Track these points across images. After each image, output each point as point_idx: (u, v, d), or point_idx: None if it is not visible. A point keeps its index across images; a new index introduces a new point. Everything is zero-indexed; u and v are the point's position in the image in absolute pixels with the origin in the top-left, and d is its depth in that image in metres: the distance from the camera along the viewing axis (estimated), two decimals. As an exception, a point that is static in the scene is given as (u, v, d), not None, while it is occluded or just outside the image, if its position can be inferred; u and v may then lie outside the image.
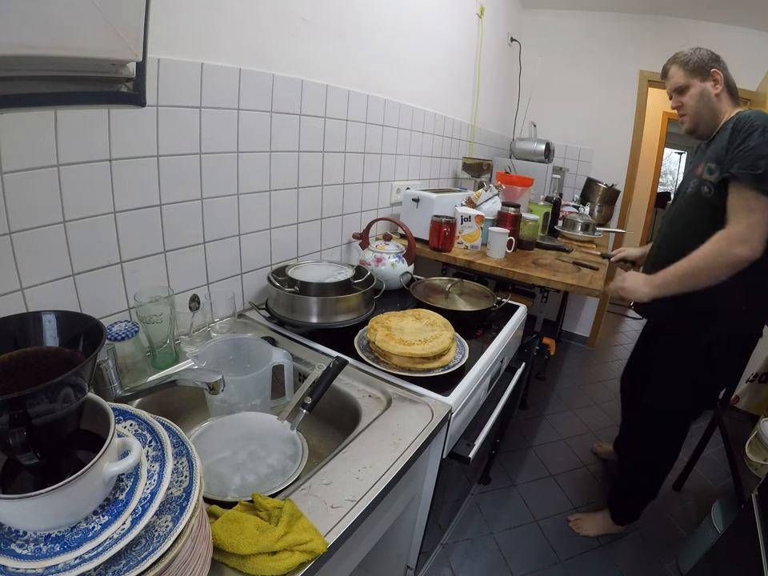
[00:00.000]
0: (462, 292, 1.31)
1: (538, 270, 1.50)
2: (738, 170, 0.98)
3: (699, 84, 1.14)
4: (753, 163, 0.96)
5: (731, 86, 1.14)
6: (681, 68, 1.17)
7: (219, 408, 0.78)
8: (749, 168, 0.96)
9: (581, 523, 1.55)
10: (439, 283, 1.36)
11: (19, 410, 0.34)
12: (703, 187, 1.12)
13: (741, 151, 0.98)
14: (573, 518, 1.57)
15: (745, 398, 1.83)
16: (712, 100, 1.13)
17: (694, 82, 1.14)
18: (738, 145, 0.99)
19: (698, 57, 1.14)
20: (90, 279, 0.79)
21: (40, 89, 0.48)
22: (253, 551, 0.47)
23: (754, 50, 2.35)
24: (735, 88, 1.15)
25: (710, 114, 1.15)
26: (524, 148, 2.52)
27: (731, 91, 1.14)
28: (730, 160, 1.01)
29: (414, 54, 1.64)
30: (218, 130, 0.94)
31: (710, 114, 1.15)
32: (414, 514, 0.96)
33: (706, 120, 1.16)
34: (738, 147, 0.99)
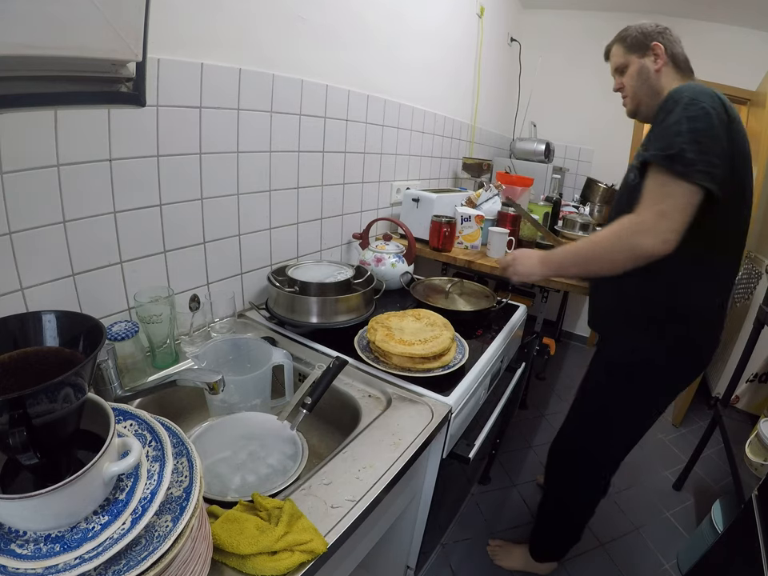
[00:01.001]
0: (462, 292, 1.31)
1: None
2: (654, 151, 0.84)
3: (638, 61, 1.01)
4: (669, 143, 0.81)
5: (678, 59, 0.99)
6: (620, 45, 1.05)
7: (219, 408, 0.78)
8: (664, 148, 0.81)
9: (499, 551, 1.41)
10: (439, 283, 1.36)
11: (19, 410, 0.34)
12: (630, 174, 0.98)
13: (660, 130, 0.85)
14: (493, 544, 1.43)
15: (745, 398, 1.83)
16: (651, 77, 0.99)
17: (632, 59, 1.02)
18: (659, 123, 0.86)
19: (637, 31, 1.01)
20: (89, 279, 0.79)
21: (40, 89, 0.48)
22: (253, 551, 0.47)
23: (754, 50, 2.35)
24: (685, 62, 1.00)
25: (650, 92, 1.00)
26: (524, 148, 2.52)
27: (678, 65, 0.99)
28: (648, 141, 0.87)
29: (413, 54, 1.64)
30: (218, 130, 0.94)
31: (649, 93, 1.00)
32: (414, 513, 0.96)
33: (645, 100, 1.02)
34: (658, 126, 0.85)
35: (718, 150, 0.79)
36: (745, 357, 1.60)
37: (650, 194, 0.83)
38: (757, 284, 1.96)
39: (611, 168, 2.79)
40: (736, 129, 0.83)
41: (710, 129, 0.79)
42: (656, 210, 0.81)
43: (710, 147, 0.79)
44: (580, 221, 1.89)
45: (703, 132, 0.79)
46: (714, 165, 0.79)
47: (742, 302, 2.02)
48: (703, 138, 0.79)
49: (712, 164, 0.79)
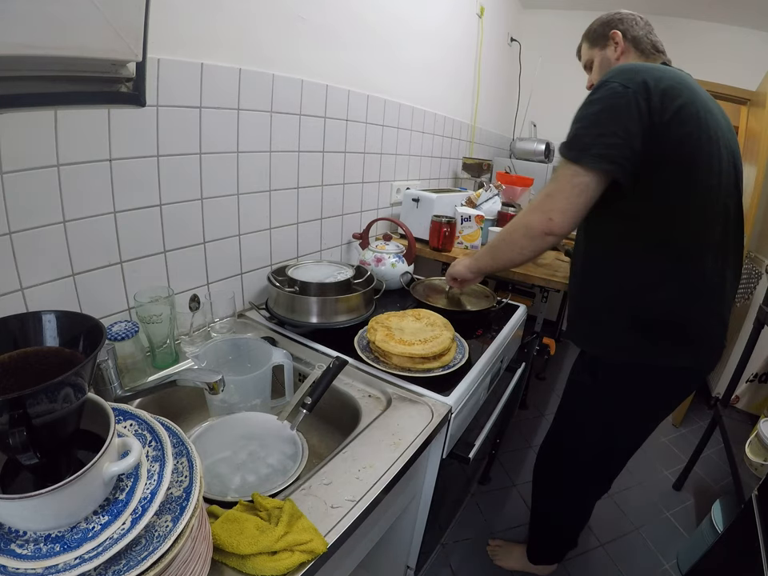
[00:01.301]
0: (462, 292, 1.31)
1: (538, 270, 1.50)
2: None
3: (599, 53, 0.98)
4: (570, 130, 0.80)
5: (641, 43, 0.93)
6: (586, 42, 1.02)
7: (219, 408, 0.78)
8: (566, 138, 0.81)
9: (498, 551, 1.41)
10: (439, 283, 1.36)
11: (19, 410, 0.34)
12: None
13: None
14: (493, 544, 1.43)
15: (745, 398, 1.83)
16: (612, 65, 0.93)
17: (595, 54, 0.99)
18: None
19: (598, 23, 0.97)
20: (89, 279, 0.79)
21: (40, 89, 0.48)
22: (253, 551, 0.47)
23: (754, 50, 2.35)
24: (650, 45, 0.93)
25: None
26: (524, 148, 2.52)
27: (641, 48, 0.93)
28: None
29: (414, 54, 1.64)
30: (218, 130, 0.94)
31: None
32: (414, 513, 0.96)
33: None
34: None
35: (620, 132, 0.74)
36: (745, 357, 1.60)
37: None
38: (757, 284, 1.96)
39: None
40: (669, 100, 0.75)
41: (612, 109, 0.75)
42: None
43: (609, 129, 0.75)
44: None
45: (603, 114, 0.76)
46: (613, 146, 0.74)
47: (741, 302, 2.02)
48: (603, 120, 0.76)
49: (612, 145, 0.74)
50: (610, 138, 0.75)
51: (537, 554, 1.33)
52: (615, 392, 0.96)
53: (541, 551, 1.33)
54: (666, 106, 0.75)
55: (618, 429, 1.02)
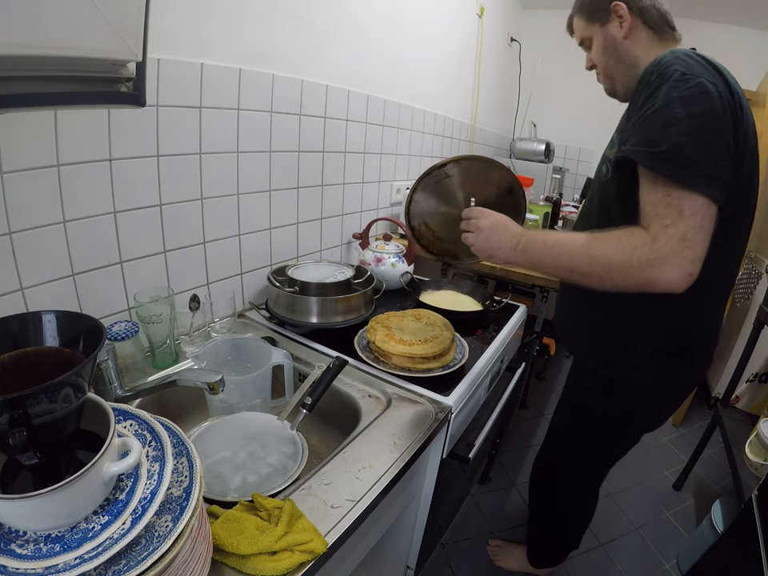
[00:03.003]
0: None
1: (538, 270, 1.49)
2: (635, 146, 0.64)
3: (601, 30, 0.83)
4: (655, 135, 0.62)
5: (650, 16, 0.78)
6: (580, 16, 0.87)
7: (219, 408, 0.78)
8: (648, 143, 0.62)
9: (499, 551, 1.40)
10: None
11: (19, 410, 0.34)
12: (602, 167, 0.81)
13: (642, 115, 0.64)
14: (493, 544, 1.42)
15: (745, 398, 1.83)
16: (619, 47, 0.81)
17: (595, 30, 0.84)
18: (641, 104, 0.66)
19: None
20: (89, 279, 0.79)
21: (40, 89, 0.48)
22: (253, 551, 0.47)
23: (754, 50, 2.35)
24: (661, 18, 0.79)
25: (622, 66, 0.82)
26: (524, 148, 2.52)
27: (651, 24, 0.79)
28: (630, 128, 0.67)
29: (413, 54, 1.64)
30: (218, 130, 0.94)
31: (622, 67, 0.82)
32: (414, 513, 0.96)
33: (620, 77, 0.84)
34: (641, 108, 0.66)
35: (722, 145, 0.61)
36: (745, 357, 1.60)
37: (654, 207, 0.63)
38: (757, 284, 1.96)
39: (611, 168, 2.79)
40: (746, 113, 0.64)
41: (712, 114, 0.60)
42: (675, 234, 0.60)
43: (712, 140, 0.60)
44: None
45: (704, 118, 0.60)
46: (718, 165, 0.60)
47: (742, 302, 2.02)
48: (704, 127, 0.60)
49: (716, 164, 0.60)
50: (714, 154, 0.61)
51: (537, 557, 1.33)
52: (633, 411, 0.93)
53: (541, 555, 1.33)
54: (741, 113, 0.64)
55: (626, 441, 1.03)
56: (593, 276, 0.68)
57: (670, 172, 0.60)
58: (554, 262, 0.72)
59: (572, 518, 1.22)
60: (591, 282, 0.69)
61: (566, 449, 1.11)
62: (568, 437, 1.09)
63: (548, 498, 1.23)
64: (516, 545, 1.41)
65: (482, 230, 0.75)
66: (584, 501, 1.19)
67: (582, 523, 1.25)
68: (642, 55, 0.80)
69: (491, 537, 1.47)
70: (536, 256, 0.74)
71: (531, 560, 1.33)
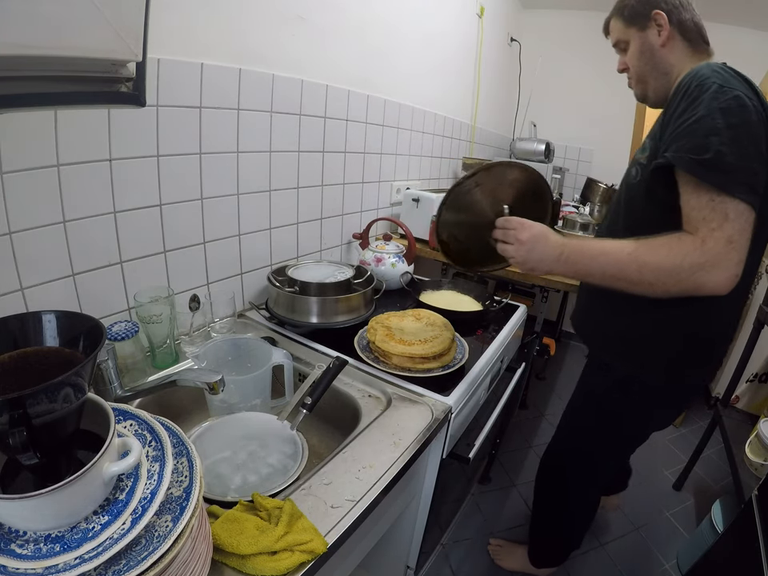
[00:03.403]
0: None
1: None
2: (677, 152, 0.66)
3: (638, 35, 0.85)
4: (699, 143, 0.64)
5: (687, 28, 0.82)
6: (619, 18, 0.89)
7: (219, 408, 0.78)
8: (692, 150, 0.65)
9: (500, 551, 1.39)
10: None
11: (19, 410, 0.34)
12: (632, 170, 0.83)
13: (683, 123, 0.67)
14: (494, 543, 1.42)
15: (745, 398, 1.83)
16: (656, 54, 0.83)
17: (632, 34, 0.86)
18: (680, 114, 0.69)
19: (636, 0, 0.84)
20: (90, 279, 0.79)
21: (40, 89, 0.48)
22: (253, 551, 0.47)
23: (754, 50, 2.35)
24: (696, 31, 0.83)
25: (656, 72, 0.85)
26: (524, 148, 2.52)
27: (687, 36, 0.83)
28: (669, 136, 0.70)
29: (413, 54, 1.64)
30: (218, 130, 0.94)
31: (655, 74, 0.85)
32: (414, 513, 0.96)
33: (653, 82, 0.87)
34: (679, 118, 0.69)
35: (758, 154, 0.64)
36: (745, 357, 1.60)
37: (699, 211, 0.65)
38: (757, 284, 1.96)
39: (611, 168, 2.79)
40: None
41: (749, 125, 0.64)
42: (722, 237, 0.63)
43: (750, 150, 0.64)
44: (580, 221, 1.89)
45: (741, 129, 0.63)
46: (756, 174, 0.64)
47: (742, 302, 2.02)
48: (743, 137, 0.63)
49: (754, 172, 0.64)
50: (752, 162, 0.64)
51: (539, 557, 1.33)
52: (646, 409, 0.95)
53: (543, 554, 1.33)
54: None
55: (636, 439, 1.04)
56: (643, 283, 0.69)
57: (714, 178, 0.63)
58: (602, 272, 0.73)
59: (576, 517, 1.23)
60: (640, 289, 0.70)
61: (576, 447, 1.11)
62: (579, 435, 1.09)
63: (554, 496, 1.23)
64: (517, 545, 1.41)
65: (524, 243, 0.74)
66: (589, 499, 1.19)
67: (585, 522, 1.25)
68: (676, 64, 0.83)
69: (491, 536, 1.47)
70: (581, 266, 0.74)
71: (533, 560, 1.33)
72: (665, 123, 0.72)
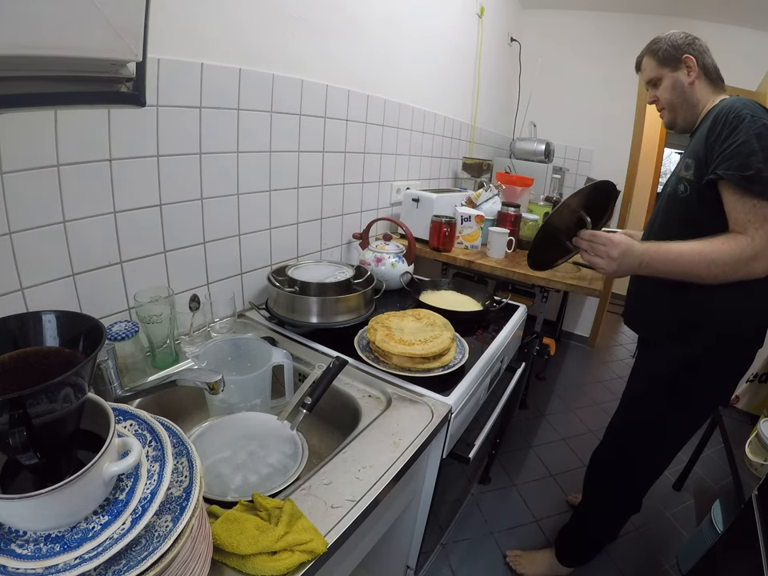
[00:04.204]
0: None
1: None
2: (727, 170, 0.85)
3: (671, 74, 1.03)
4: (743, 163, 0.83)
5: (709, 70, 1.02)
6: (652, 59, 1.06)
7: (219, 408, 0.78)
8: (739, 169, 0.84)
9: (520, 560, 1.40)
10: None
11: (19, 410, 0.34)
12: (680, 186, 0.98)
13: (728, 148, 0.86)
14: (512, 554, 1.42)
15: (745, 398, 1.83)
16: (686, 90, 1.02)
17: (665, 73, 1.04)
18: (723, 139, 0.87)
19: (668, 44, 1.02)
20: (90, 279, 0.79)
21: (40, 89, 0.48)
22: (253, 551, 0.47)
23: (754, 50, 2.35)
24: (715, 72, 1.03)
25: (686, 105, 1.04)
26: (524, 148, 2.52)
27: (710, 77, 1.02)
28: (717, 158, 0.88)
29: (413, 54, 1.64)
30: (218, 130, 0.94)
31: (685, 106, 1.04)
32: (414, 513, 0.96)
33: (682, 113, 1.05)
34: (724, 143, 0.87)
35: None
36: (745, 357, 1.60)
37: (746, 215, 0.85)
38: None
39: (611, 168, 2.80)
40: None
41: None
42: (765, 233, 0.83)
43: None
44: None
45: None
46: None
47: None
48: None
49: None
50: None
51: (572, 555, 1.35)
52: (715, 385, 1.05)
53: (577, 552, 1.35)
54: None
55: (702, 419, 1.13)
56: (710, 276, 0.87)
57: (757, 189, 0.82)
58: (677, 271, 0.90)
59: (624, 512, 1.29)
60: (707, 280, 0.88)
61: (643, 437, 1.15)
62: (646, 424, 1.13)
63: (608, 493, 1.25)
64: (535, 552, 1.41)
65: (615, 259, 0.89)
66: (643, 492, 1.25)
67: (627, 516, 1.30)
68: (701, 99, 1.02)
69: (492, 537, 1.47)
70: (661, 268, 0.91)
71: (563, 558, 1.35)
72: (708, 146, 0.90)
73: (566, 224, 0.94)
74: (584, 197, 0.91)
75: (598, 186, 0.92)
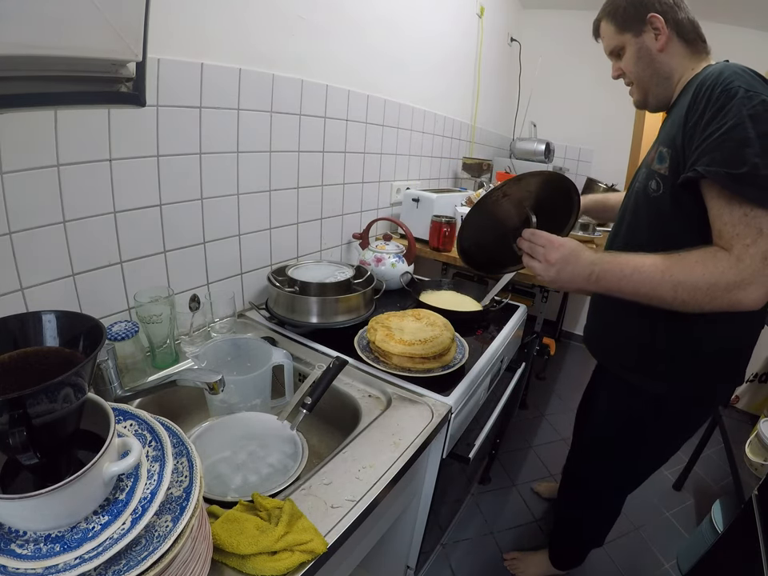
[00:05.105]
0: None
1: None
2: (710, 166, 0.63)
3: (634, 41, 0.81)
4: (733, 156, 0.61)
5: (684, 29, 0.79)
6: (610, 23, 0.84)
7: (219, 408, 0.78)
8: (726, 164, 0.61)
9: (517, 563, 1.37)
10: None
11: (19, 410, 0.34)
12: (651, 182, 0.78)
13: (712, 135, 0.63)
14: (509, 557, 1.39)
15: (745, 398, 1.83)
16: (655, 59, 0.80)
17: (627, 40, 0.82)
18: (707, 123, 0.64)
19: (627, 1, 0.80)
20: (90, 279, 0.79)
21: (40, 89, 0.48)
22: (253, 551, 0.47)
23: (754, 50, 2.35)
24: (694, 31, 0.80)
25: (656, 77, 0.82)
26: (524, 148, 2.52)
27: (685, 37, 0.79)
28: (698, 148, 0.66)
29: (413, 54, 1.64)
30: (217, 130, 0.94)
31: (656, 79, 0.82)
32: (414, 513, 0.96)
33: (654, 88, 0.83)
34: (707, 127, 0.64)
35: None
36: (745, 357, 1.60)
37: (733, 227, 0.63)
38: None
39: (611, 168, 2.80)
40: None
41: None
42: (757, 253, 0.61)
43: None
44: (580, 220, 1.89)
45: None
46: None
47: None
48: None
49: None
50: None
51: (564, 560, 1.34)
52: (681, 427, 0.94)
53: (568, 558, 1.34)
54: None
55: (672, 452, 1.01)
56: (677, 301, 0.67)
57: (751, 194, 0.61)
58: (634, 291, 0.70)
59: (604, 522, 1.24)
60: (674, 306, 0.68)
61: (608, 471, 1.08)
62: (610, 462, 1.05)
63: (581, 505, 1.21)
64: (533, 553, 1.40)
65: (553, 264, 0.71)
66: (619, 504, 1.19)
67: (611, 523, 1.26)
68: (676, 68, 0.80)
69: (490, 535, 1.47)
70: (612, 285, 0.71)
71: (557, 563, 1.33)
72: (687, 132, 0.68)
73: (512, 220, 0.78)
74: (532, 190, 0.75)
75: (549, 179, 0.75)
